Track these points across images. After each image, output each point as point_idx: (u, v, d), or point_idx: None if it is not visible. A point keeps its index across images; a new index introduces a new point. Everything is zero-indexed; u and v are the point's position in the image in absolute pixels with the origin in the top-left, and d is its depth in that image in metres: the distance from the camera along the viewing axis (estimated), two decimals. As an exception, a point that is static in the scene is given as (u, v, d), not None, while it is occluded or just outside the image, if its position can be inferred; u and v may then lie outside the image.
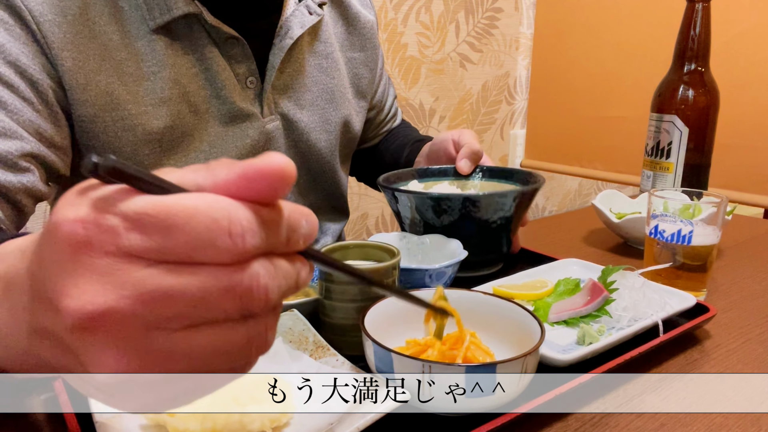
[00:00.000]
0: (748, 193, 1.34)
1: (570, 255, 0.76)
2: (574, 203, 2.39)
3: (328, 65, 0.83)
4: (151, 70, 0.68)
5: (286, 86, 0.79)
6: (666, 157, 0.94)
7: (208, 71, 0.71)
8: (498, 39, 1.95)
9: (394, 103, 1.06)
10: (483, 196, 0.69)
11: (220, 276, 0.24)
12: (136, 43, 0.67)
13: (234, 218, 0.23)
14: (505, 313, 0.53)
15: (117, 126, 0.68)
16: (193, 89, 0.71)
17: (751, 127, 1.32)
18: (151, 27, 0.67)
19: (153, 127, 0.69)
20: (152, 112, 0.69)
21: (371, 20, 0.91)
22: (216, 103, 0.73)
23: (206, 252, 0.23)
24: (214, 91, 0.72)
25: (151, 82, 0.68)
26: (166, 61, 0.69)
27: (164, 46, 0.68)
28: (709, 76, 0.91)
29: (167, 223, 0.23)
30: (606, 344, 0.54)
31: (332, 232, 0.95)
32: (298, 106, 0.80)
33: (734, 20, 1.31)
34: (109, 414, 0.42)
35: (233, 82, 0.73)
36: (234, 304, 0.24)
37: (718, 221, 0.68)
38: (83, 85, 0.65)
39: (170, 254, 0.23)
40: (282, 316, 0.54)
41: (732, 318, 0.67)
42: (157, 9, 0.67)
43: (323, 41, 0.83)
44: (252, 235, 0.24)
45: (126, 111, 0.68)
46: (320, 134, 0.84)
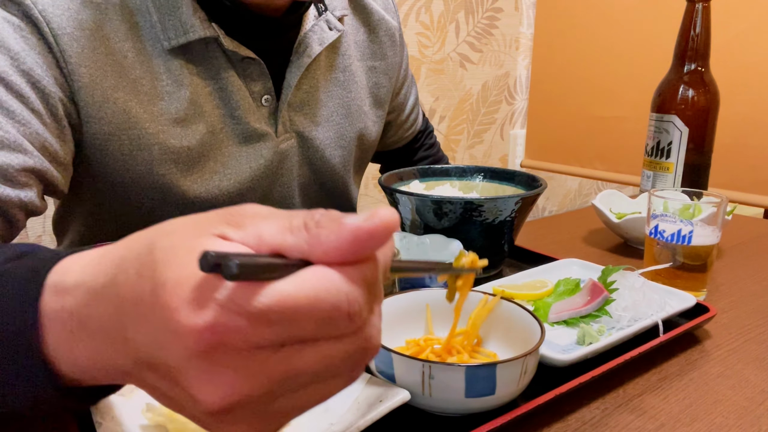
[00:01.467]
0: (748, 193, 1.34)
1: (570, 255, 0.76)
2: (574, 203, 2.40)
3: (345, 78, 0.81)
4: (166, 89, 0.67)
5: (302, 103, 0.77)
6: (666, 157, 0.94)
7: (223, 91, 0.70)
8: (498, 39, 1.95)
9: (416, 104, 1.03)
10: (485, 200, 0.69)
11: (339, 346, 0.26)
12: (152, 61, 0.66)
13: (352, 300, 0.25)
14: (505, 313, 0.53)
15: (133, 145, 0.66)
16: (209, 109, 0.69)
17: (751, 127, 1.32)
18: (166, 47, 0.66)
19: (170, 146, 0.68)
20: (169, 131, 0.67)
21: (394, 26, 0.88)
22: (231, 123, 0.71)
23: (328, 332, 0.25)
24: (228, 110, 0.71)
25: (167, 102, 0.67)
26: (183, 81, 0.67)
27: (180, 65, 0.67)
28: (709, 76, 0.92)
29: (292, 316, 0.24)
30: (606, 344, 0.54)
31: None
32: (313, 123, 0.78)
33: (734, 20, 1.31)
34: (109, 415, 0.42)
35: (248, 101, 0.71)
36: (352, 363, 0.27)
37: (718, 221, 0.68)
38: (99, 102, 0.64)
39: (296, 339, 0.25)
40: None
41: (732, 318, 0.67)
42: (173, 30, 0.65)
43: (342, 54, 0.81)
44: (367, 310, 0.26)
45: (143, 130, 0.66)
46: (335, 150, 0.82)
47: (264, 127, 0.73)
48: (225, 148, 0.72)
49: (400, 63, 0.92)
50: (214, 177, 0.72)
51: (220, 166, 0.72)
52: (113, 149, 0.66)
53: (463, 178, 0.86)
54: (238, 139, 0.72)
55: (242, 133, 0.72)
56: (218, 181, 0.72)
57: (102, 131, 0.65)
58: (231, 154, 0.72)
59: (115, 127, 0.65)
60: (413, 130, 1.04)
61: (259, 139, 0.73)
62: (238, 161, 0.73)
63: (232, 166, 0.73)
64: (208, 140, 0.70)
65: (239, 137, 0.72)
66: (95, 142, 0.66)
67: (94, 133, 0.65)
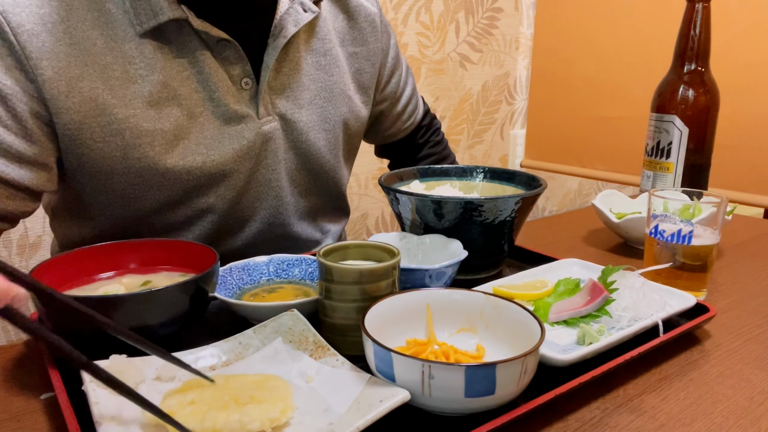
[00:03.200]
0: (748, 193, 1.34)
1: (570, 255, 0.76)
2: (574, 203, 2.40)
3: (326, 62, 0.83)
4: (139, 73, 0.68)
5: (283, 86, 0.78)
6: (666, 157, 0.94)
7: (200, 74, 0.71)
8: (498, 39, 1.95)
9: (414, 94, 1.03)
10: (485, 200, 0.69)
11: None
12: (124, 46, 0.67)
13: None
14: (505, 313, 0.53)
15: (104, 131, 0.68)
16: (186, 92, 0.71)
17: (751, 127, 1.32)
18: (139, 32, 0.67)
19: (142, 129, 0.69)
20: (141, 114, 0.69)
21: (373, 12, 0.89)
22: (210, 105, 0.72)
23: None
24: (207, 93, 0.72)
25: (139, 84, 0.68)
26: (156, 65, 0.69)
27: (153, 49, 0.68)
28: (709, 76, 0.92)
29: None
30: (606, 344, 0.54)
31: (333, 234, 0.95)
32: (296, 105, 0.80)
33: (734, 20, 1.31)
34: (109, 414, 0.42)
35: (227, 84, 0.73)
36: None
37: (718, 221, 0.68)
38: (65, 93, 0.65)
39: None
40: (282, 316, 0.54)
41: (732, 318, 0.67)
42: (144, 14, 0.67)
43: (321, 38, 0.82)
44: None
45: (112, 116, 0.67)
46: (319, 133, 0.83)
47: (245, 109, 0.75)
48: (206, 130, 0.73)
49: (384, 49, 0.92)
50: (197, 158, 0.73)
51: (203, 148, 0.73)
52: (85, 137, 0.68)
53: (463, 178, 0.86)
54: (219, 121, 0.73)
55: (223, 115, 0.73)
56: (201, 161, 0.73)
57: (72, 121, 0.66)
58: (213, 136, 0.73)
59: (84, 116, 0.67)
60: (412, 122, 1.05)
61: (240, 120, 0.75)
62: (220, 142, 0.74)
63: (215, 147, 0.74)
64: (184, 123, 0.71)
65: (220, 119, 0.73)
66: (68, 133, 0.67)
67: (65, 124, 0.66)
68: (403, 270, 0.62)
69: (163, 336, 0.54)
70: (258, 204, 0.81)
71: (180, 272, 0.63)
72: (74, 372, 0.46)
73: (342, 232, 0.98)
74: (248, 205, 0.80)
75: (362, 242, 0.60)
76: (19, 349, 0.59)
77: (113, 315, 0.50)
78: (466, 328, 0.55)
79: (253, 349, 0.53)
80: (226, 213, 0.78)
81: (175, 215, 0.76)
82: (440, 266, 0.63)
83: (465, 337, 0.55)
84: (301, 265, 0.70)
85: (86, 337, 0.52)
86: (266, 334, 0.53)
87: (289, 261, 0.70)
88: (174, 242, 0.64)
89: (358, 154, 0.95)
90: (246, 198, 0.79)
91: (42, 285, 0.43)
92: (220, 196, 0.77)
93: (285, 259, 0.70)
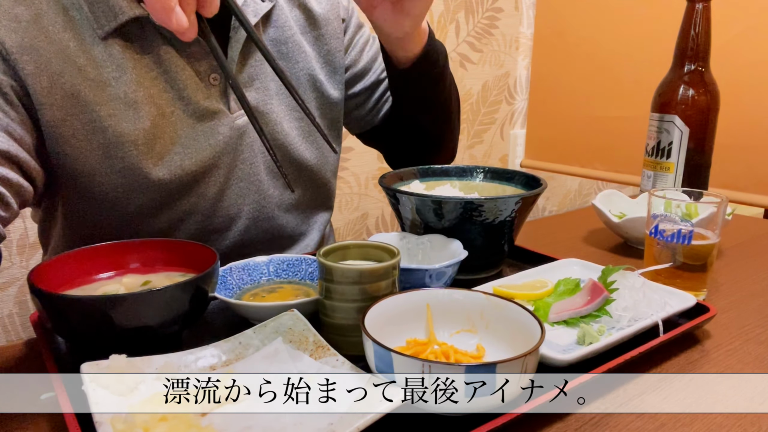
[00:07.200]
0: (748, 193, 1.34)
1: (570, 255, 0.76)
2: (574, 203, 2.40)
3: (287, 50, 0.82)
4: (111, 75, 0.68)
5: (251, 78, 0.78)
6: (666, 157, 0.94)
7: (167, 73, 0.71)
8: (498, 39, 1.95)
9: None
10: (485, 200, 0.69)
11: None
12: (93, 50, 0.67)
13: None
14: (505, 313, 0.53)
15: (86, 129, 0.68)
16: (156, 92, 0.71)
17: (751, 127, 1.32)
18: (100, 35, 0.67)
19: (123, 129, 0.69)
20: (120, 115, 0.68)
21: None
22: (180, 104, 0.72)
23: None
24: (176, 92, 0.72)
25: (114, 87, 0.68)
26: (125, 65, 0.68)
27: (120, 50, 0.68)
28: (709, 76, 0.92)
29: None
30: (606, 344, 0.54)
31: (319, 226, 0.93)
32: (266, 96, 0.79)
33: (734, 20, 1.31)
34: (109, 414, 0.42)
35: (195, 81, 0.73)
36: None
37: (718, 221, 0.68)
38: (47, 88, 0.65)
39: None
40: (282, 316, 0.54)
41: (732, 318, 0.67)
42: (104, 17, 0.67)
43: (280, 27, 0.82)
44: None
45: (95, 113, 0.67)
46: (292, 122, 0.82)
47: (216, 105, 0.75)
48: (180, 129, 0.73)
49: (342, 26, 0.90)
50: (174, 158, 0.73)
51: (179, 147, 0.73)
52: (68, 135, 0.67)
53: (463, 178, 0.86)
54: (191, 119, 0.73)
55: (194, 113, 0.73)
56: (179, 161, 0.73)
57: (55, 117, 0.66)
58: (187, 135, 0.73)
59: (66, 112, 0.66)
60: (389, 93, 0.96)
61: (212, 117, 0.75)
62: (196, 140, 0.74)
63: (191, 146, 0.73)
64: (161, 122, 0.71)
65: (192, 117, 0.73)
66: (50, 130, 0.67)
67: (48, 120, 0.66)
68: (403, 270, 0.62)
69: (163, 336, 0.54)
70: (241, 200, 0.80)
71: (180, 272, 0.63)
72: (74, 372, 0.46)
73: (329, 225, 0.97)
74: (232, 202, 0.80)
75: (362, 242, 0.60)
76: (19, 349, 0.59)
77: (113, 315, 0.50)
78: (466, 328, 0.55)
79: (253, 349, 0.53)
80: (211, 212, 0.78)
81: (159, 219, 0.75)
82: (440, 266, 0.63)
83: (465, 337, 0.55)
84: (301, 265, 0.70)
85: (86, 337, 0.52)
86: (266, 334, 0.53)
87: (289, 261, 0.70)
88: (174, 242, 0.64)
89: (358, 154, 0.94)
90: (228, 195, 0.79)
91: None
92: (202, 194, 0.76)
93: (285, 259, 0.70)
